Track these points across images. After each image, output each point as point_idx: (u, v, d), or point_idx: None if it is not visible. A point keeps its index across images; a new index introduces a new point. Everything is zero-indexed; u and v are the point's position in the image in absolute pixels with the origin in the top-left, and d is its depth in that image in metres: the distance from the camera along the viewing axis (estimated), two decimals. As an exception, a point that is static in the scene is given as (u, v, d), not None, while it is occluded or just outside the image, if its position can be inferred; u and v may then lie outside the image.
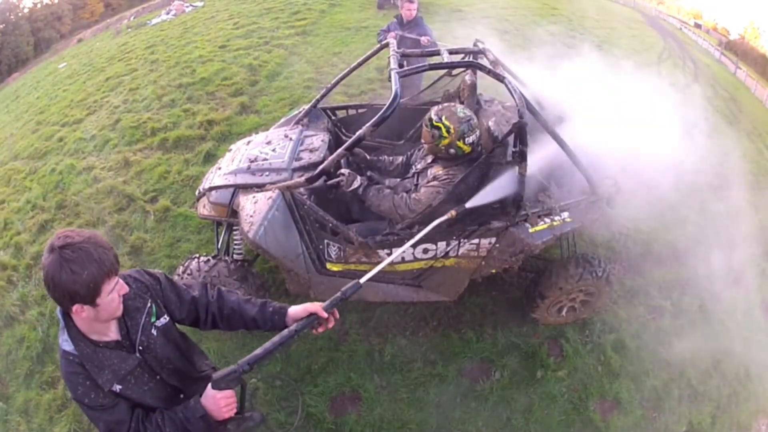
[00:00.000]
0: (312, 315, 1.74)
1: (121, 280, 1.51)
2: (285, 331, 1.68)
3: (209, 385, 1.60)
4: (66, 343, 1.52)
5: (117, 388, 1.54)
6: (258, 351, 1.61)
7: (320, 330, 1.78)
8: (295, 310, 1.78)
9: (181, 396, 1.76)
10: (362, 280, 1.85)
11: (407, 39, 4.88)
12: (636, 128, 3.27)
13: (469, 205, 2.78)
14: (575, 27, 12.43)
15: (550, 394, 3.35)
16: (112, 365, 1.54)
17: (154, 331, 1.68)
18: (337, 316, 1.81)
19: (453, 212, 2.73)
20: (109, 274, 1.45)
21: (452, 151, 2.79)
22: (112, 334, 1.59)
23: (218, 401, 1.58)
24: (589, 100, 3.39)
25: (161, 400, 1.67)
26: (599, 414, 3.32)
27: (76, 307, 1.43)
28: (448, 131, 2.73)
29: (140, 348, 1.63)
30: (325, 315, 1.76)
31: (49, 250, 1.39)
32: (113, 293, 1.48)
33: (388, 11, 11.82)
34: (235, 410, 1.64)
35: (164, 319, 1.72)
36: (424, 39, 4.79)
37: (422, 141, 2.93)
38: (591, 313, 3.66)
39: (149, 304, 1.67)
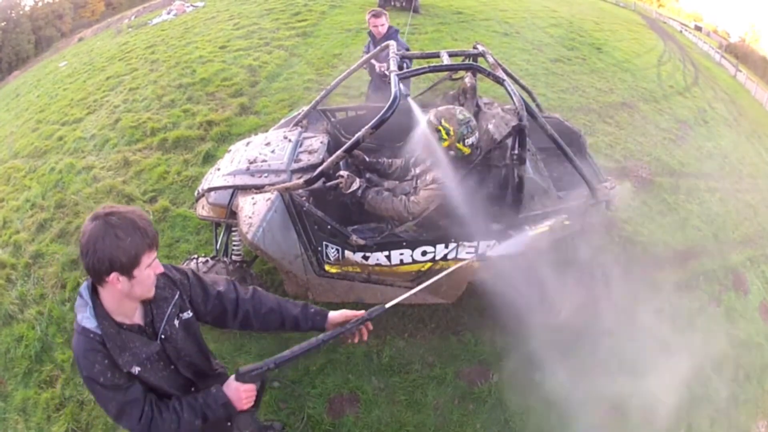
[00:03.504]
0: (339, 328, 1.76)
1: (158, 259, 1.54)
2: (314, 339, 1.71)
3: (232, 376, 1.65)
4: (87, 320, 1.49)
5: (136, 370, 1.55)
6: (286, 353, 1.66)
7: (353, 341, 1.82)
8: (334, 315, 1.81)
9: (193, 389, 1.79)
10: (388, 305, 1.85)
11: (381, 60, 4.35)
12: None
13: None
14: (575, 30, 12.44)
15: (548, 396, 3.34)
16: (134, 348, 1.55)
17: (176, 323, 1.70)
18: (371, 328, 1.83)
19: None
20: (151, 246, 1.48)
21: (452, 153, 2.79)
22: (137, 318, 1.61)
23: (240, 393, 1.64)
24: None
25: (175, 389, 1.70)
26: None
27: (112, 276, 1.43)
28: (447, 133, 2.73)
29: (162, 336, 1.64)
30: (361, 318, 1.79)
31: (93, 218, 1.42)
32: (150, 269, 1.50)
33: (389, 12, 11.81)
34: (252, 404, 1.69)
35: (188, 313, 1.74)
36: (378, 67, 4.40)
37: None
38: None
39: (177, 297, 1.69)
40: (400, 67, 2.95)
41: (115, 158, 5.73)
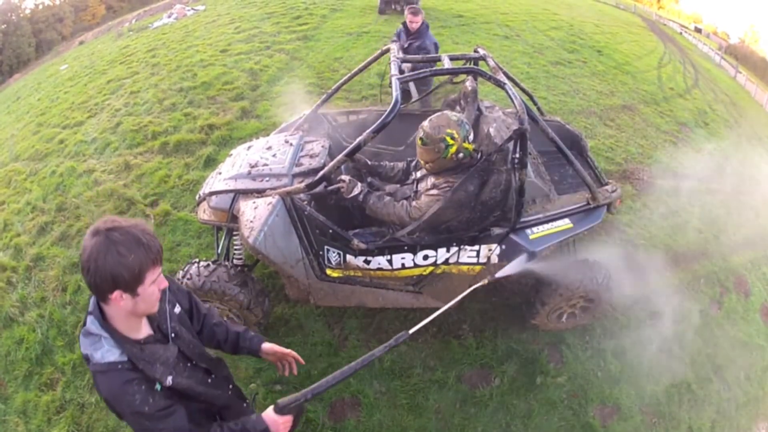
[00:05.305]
0: (369, 354, 1.83)
1: (162, 274, 1.49)
2: (346, 368, 1.76)
3: (271, 408, 1.68)
4: (109, 353, 1.44)
5: (169, 380, 1.53)
6: (322, 382, 1.72)
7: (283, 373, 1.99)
8: (267, 345, 1.95)
9: (210, 378, 1.79)
10: (411, 331, 2.00)
11: (410, 51, 4.89)
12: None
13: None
14: (576, 32, 12.46)
15: (550, 400, 3.35)
16: (161, 358, 1.53)
17: (175, 319, 1.70)
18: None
19: None
20: (155, 262, 1.43)
21: (461, 155, 2.79)
22: (145, 329, 1.57)
23: (279, 424, 1.66)
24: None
25: (201, 384, 1.70)
26: (599, 420, 3.32)
27: (115, 294, 1.38)
28: (453, 138, 2.73)
29: (173, 335, 1.63)
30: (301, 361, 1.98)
31: (93, 233, 1.35)
32: (154, 285, 1.45)
33: (390, 16, 11.88)
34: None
35: (179, 307, 1.74)
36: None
37: (421, 161, 2.91)
38: (591, 319, 3.66)
39: (167, 293, 1.67)
40: (401, 71, 2.95)
41: (116, 162, 5.74)
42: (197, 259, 3.19)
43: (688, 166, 6.38)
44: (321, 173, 2.78)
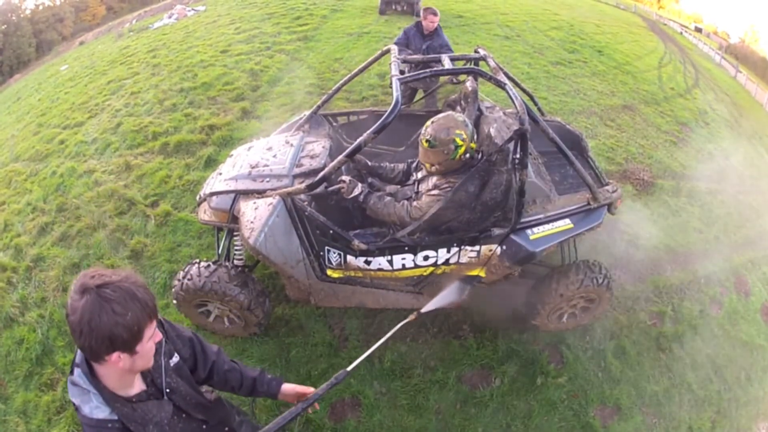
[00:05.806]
0: (310, 398, 1.86)
1: (157, 328, 1.40)
2: (293, 408, 1.77)
3: None
4: (99, 411, 1.34)
5: None
6: (270, 425, 1.70)
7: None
8: (287, 386, 1.91)
9: (205, 425, 1.71)
10: (349, 368, 2.02)
11: (433, 50, 4.96)
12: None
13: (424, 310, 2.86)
14: (576, 32, 12.46)
15: (550, 400, 3.35)
16: (154, 417, 1.44)
17: (171, 371, 1.60)
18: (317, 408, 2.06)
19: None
20: (151, 316, 1.33)
21: (467, 155, 2.79)
22: (138, 384, 1.47)
23: None
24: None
25: None
26: (599, 420, 3.32)
27: (114, 356, 1.27)
28: (462, 139, 2.73)
29: (167, 391, 1.53)
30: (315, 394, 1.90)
31: (82, 291, 1.23)
32: (151, 341, 1.36)
33: (390, 17, 11.89)
34: None
35: (176, 357, 1.63)
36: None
37: (428, 164, 2.88)
38: (592, 319, 3.66)
39: (163, 344, 1.57)
40: (401, 72, 2.95)
41: (117, 162, 5.74)
42: (198, 260, 3.19)
43: (689, 166, 6.39)
44: (321, 174, 2.77)
